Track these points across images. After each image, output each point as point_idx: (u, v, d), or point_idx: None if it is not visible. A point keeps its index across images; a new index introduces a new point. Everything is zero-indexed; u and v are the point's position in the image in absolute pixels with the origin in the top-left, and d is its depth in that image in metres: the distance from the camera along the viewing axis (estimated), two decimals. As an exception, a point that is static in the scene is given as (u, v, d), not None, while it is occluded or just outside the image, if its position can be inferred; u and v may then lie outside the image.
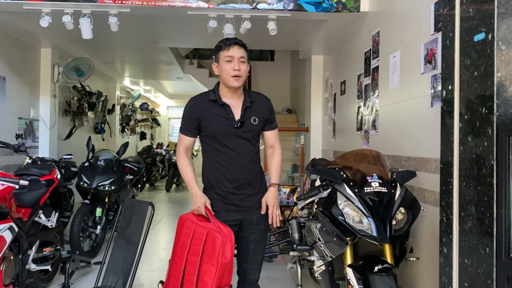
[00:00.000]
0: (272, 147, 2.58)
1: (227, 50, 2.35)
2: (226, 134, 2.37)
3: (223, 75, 2.37)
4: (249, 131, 2.42)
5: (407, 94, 3.50)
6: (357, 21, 4.77)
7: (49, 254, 3.61)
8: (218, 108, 2.39)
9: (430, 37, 3.10)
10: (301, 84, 8.13)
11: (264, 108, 2.49)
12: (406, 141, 3.50)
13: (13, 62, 5.67)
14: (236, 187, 2.40)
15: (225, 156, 2.39)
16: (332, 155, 5.84)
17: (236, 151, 2.39)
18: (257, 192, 2.46)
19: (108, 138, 10.00)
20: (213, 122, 2.38)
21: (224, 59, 2.36)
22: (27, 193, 3.31)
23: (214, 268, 2.18)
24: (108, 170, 4.84)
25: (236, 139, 2.39)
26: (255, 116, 2.43)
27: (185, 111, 2.45)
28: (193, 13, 4.52)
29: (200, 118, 2.39)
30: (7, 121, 5.52)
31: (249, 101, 2.43)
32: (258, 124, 2.44)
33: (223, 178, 2.40)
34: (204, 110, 2.39)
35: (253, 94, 2.52)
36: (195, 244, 2.27)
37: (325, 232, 2.58)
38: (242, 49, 2.38)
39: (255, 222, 2.46)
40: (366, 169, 2.62)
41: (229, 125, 2.37)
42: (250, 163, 2.42)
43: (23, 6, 4.40)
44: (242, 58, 2.37)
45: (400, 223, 2.45)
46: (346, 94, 5.33)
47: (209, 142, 2.43)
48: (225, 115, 2.38)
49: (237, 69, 2.33)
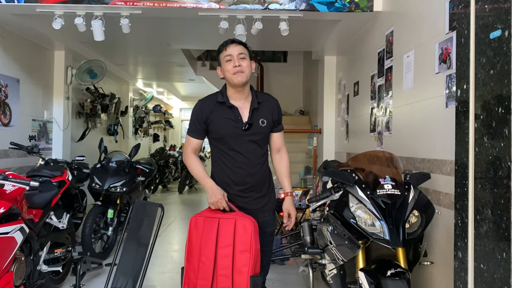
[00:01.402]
0: (279, 151, 2.54)
1: (225, 50, 2.35)
2: (234, 137, 2.35)
3: (226, 75, 2.36)
4: (257, 133, 2.39)
5: (421, 94, 3.43)
6: (370, 21, 4.71)
7: (61, 255, 3.62)
8: (226, 110, 2.37)
9: (444, 36, 3.03)
10: (314, 85, 8.07)
11: (272, 109, 2.46)
12: (420, 142, 3.43)
13: (27, 64, 5.72)
14: (243, 190, 2.39)
15: (232, 159, 2.37)
16: (345, 157, 5.77)
17: (244, 154, 2.36)
18: (264, 195, 2.44)
19: (121, 140, 10.06)
20: (220, 125, 2.36)
21: (224, 60, 2.35)
22: (39, 194, 3.33)
23: (249, 254, 2.16)
24: (120, 171, 4.84)
25: (244, 141, 2.36)
26: (263, 118, 2.40)
27: (193, 114, 2.43)
28: (204, 14, 4.51)
29: (208, 121, 2.38)
30: (21, 123, 5.57)
31: (256, 102, 2.40)
32: (266, 126, 2.41)
33: (230, 181, 2.38)
34: (212, 112, 2.37)
35: (261, 94, 2.49)
36: (224, 236, 2.21)
37: (336, 235, 2.54)
38: (240, 46, 2.36)
39: (262, 224, 2.42)
40: (379, 171, 2.56)
41: (237, 128, 2.35)
42: (257, 166, 2.39)
43: (36, 8, 4.43)
44: (242, 55, 2.34)
45: (414, 226, 2.39)
46: (359, 95, 5.26)
47: (217, 144, 2.41)
48: (233, 117, 2.36)
49: (237, 65, 2.31)
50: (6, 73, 5.24)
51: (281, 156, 2.54)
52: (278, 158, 2.54)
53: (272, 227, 2.48)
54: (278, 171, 2.55)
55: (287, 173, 2.54)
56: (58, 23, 4.48)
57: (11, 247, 2.67)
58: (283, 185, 2.54)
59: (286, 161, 2.54)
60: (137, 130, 11.68)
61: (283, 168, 2.53)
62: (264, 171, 2.44)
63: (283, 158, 2.54)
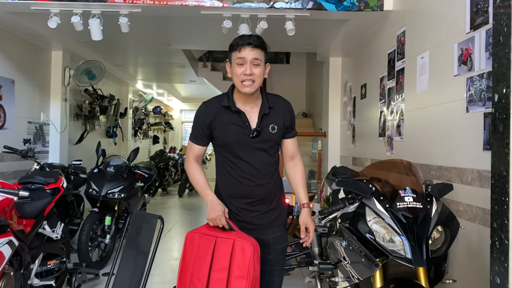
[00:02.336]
0: (293, 158, 2.31)
1: (238, 51, 2.06)
2: (241, 145, 2.11)
3: (234, 79, 2.11)
4: (267, 141, 2.15)
5: (437, 98, 3.23)
6: (380, 21, 4.51)
7: (54, 267, 3.42)
8: (232, 115, 2.12)
9: (465, 36, 2.84)
10: (318, 88, 7.88)
11: (285, 113, 2.21)
12: (437, 149, 3.23)
13: (23, 65, 5.52)
14: (250, 203, 2.14)
15: (239, 169, 2.13)
16: (351, 162, 5.57)
17: (252, 164, 2.12)
18: (273, 209, 2.20)
19: (120, 142, 9.85)
20: (226, 131, 2.12)
21: (235, 62, 2.08)
22: (31, 203, 3.12)
23: (246, 282, 1.93)
24: (118, 177, 4.64)
25: (252, 150, 2.12)
26: (274, 124, 2.16)
27: (196, 118, 2.18)
28: (207, 12, 4.31)
29: (212, 126, 2.13)
30: (16, 125, 5.37)
31: (267, 106, 2.15)
32: (277, 132, 2.17)
33: (236, 193, 2.15)
34: (217, 117, 2.13)
35: (272, 97, 2.22)
36: (219, 257, 1.98)
37: (351, 251, 2.34)
38: (257, 50, 2.07)
39: (272, 241, 2.19)
40: (398, 181, 2.36)
41: (244, 135, 2.11)
42: (267, 177, 2.16)
43: (30, 6, 4.24)
44: (257, 61, 2.07)
45: (437, 243, 2.18)
46: (367, 98, 5.07)
47: (222, 152, 2.17)
48: (240, 123, 2.11)
49: (248, 74, 2.05)
50: (0, 74, 5.04)
51: (295, 163, 2.31)
52: (292, 166, 2.31)
53: (284, 244, 2.24)
54: (292, 180, 2.31)
55: (303, 182, 2.30)
56: (54, 21, 4.28)
57: (-2, 262, 2.46)
58: (298, 196, 2.30)
59: (301, 169, 2.31)
60: (137, 132, 11.48)
61: (298, 177, 2.30)
62: (275, 182, 2.20)
63: (297, 166, 2.31)
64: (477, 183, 2.66)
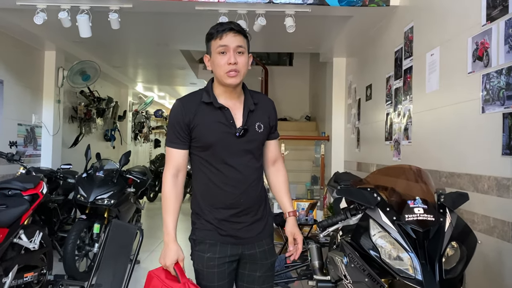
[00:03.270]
0: (275, 162, 2.09)
1: (219, 38, 1.83)
2: (225, 146, 1.86)
3: (216, 70, 1.85)
4: (253, 141, 1.91)
5: (449, 97, 2.95)
6: (386, 17, 4.24)
7: (32, 279, 3.16)
8: (214, 112, 1.87)
9: (480, 29, 2.56)
10: (321, 90, 7.61)
11: (270, 112, 2.00)
12: (448, 153, 2.95)
13: (13, 65, 5.30)
14: (234, 214, 1.89)
15: (222, 175, 1.87)
16: (356, 167, 5.29)
17: (237, 168, 1.88)
18: (260, 219, 1.96)
19: (118, 145, 9.61)
20: (208, 130, 1.85)
21: (216, 50, 1.84)
22: (4, 210, 2.88)
23: None
24: (108, 182, 4.38)
25: (237, 152, 1.88)
26: (260, 122, 1.93)
27: (172, 117, 1.89)
28: (201, 8, 4.06)
29: (191, 125, 1.85)
30: (5, 127, 5.13)
31: (252, 102, 1.93)
32: (263, 132, 1.94)
33: (219, 203, 1.89)
34: (196, 115, 1.85)
35: (255, 94, 2.00)
36: None
37: (353, 269, 2.06)
38: (240, 36, 1.85)
39: (259, 256, 1.95)
40: (406, 190, 2.09)
41: (229, 134, 1.86)
42: (253, 183, 1.92)
43: (16, 1, 4.02)
44: (240, 48, 1.84)
45: (451, 261, 1.90)
46: (372, 100, 4.79)
47: (202, 155, 1.89)
48: (224, 121, 1.86)
49: (233, 63, 1.81)
50: (-13, 74, 4.82)
51: (277, 168, 2.09)
52: (274, 171, 2.08)
53: (272, 259, 2.00)
54: (275, 186, 2.09)
55: (287, 189, 2.08)
56: (41, 17, 4.06)
57: (-41, 278, 2.21)
58: (283, 204, 2.08)
59: (284, 175, 2.09)
60: (137, 135, 11.24)
61: (281, 183, 2.08)
62: (260, 189, 1.97)
63: (280, 171, 2.09)
64: (495, 191, 2.38)
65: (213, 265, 1.87)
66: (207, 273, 1.87)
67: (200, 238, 1.90)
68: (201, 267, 1.88)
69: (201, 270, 1.88)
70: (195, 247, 1.91)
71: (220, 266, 1.87)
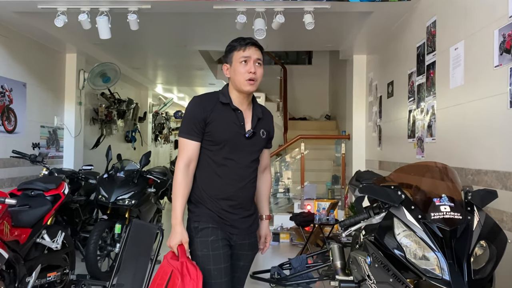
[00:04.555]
0: (265, 170, 2.33)
1: (242, 50, 2.06)
2: (235, 144, 2.07)
3: (237, 77, 2.07)
4: (257, 145, 2.16)
5: (475, 92, 2.86)
6: (407, 12, 4.15)
7: (55, 279, 3.19)
8: (230, 112, 2.09)
9: (508, 20, 2.48)
10: (341, 88, 7.52)
11: (270, 123, 2.26)
12: (474, 150, 2.86)
13: (35, 68, 5.38)
14: (232, 206, 2.09)
15: (227, 169, 2.08)
16: (377, 166, 5.20)
17: (240, 165, 2.09)
18: (251, 214, 2.20)
19: (139, 147, 9.70)
20: (222, 127, 2.05)
21: (239, 60, 2.06)
22: (28, 211, 2.91)
23: None
24: (128, 182, 4.40)
25: (244, 151, 2.10)
26: (264, 130, 2.18)
27: (190, 110, 2.07)
28: (219, 7, 4.05)
29: (207, 120, 2.04)
30: (28, 129, 5.22)
31: (260, 111, 2.18)
32: (265, 139, 2.20)
33: (220, 195, 2.08)
34: (213, 111, 2.06)
35: (261, 106, 2.25)
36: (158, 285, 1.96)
37: (377, 269, 2.00)
38: (259, 51, 2.11)
39: (247, 247, 2.19)
40: (431, 187, 2.02)
41: (239, 134, 2.08)
42: (250, 181, 2.14)
43: (37, 5, 4.08)
44: (259, 61, 2.09)
45: (480, 261, 1.83)
46: (394, 97, 4.70)
47: (211, 149, 2.07)
48: (236, 121, 2.09)
49: (253, 72, 2.05)
50: (11, 77, 4.90)
51: (265, 176, 2.35)
52: (262, 178, 2.33)
53: (255, 251, 2.26)
54: (260, 191, 2.31)
55: (268, 195, 2.38)
56: (61, 20, 4.11)
57: (-18, 277, 2.24)
58: (261, 207, 2.33)
59: (269, 182, 2.38)
60: (157, 136, 11.33)
61: (266, 188, 2.35)
62: (254, 188, 2.22)
63: (267, 179, 2.36)
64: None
65: (218, 247, 2.02)
66: (214, 255, 2.01)
67: (202, 223, 2.05)
68: (206, 251, 2.01)
69: (207, 254, 2.01)
70: (197, 235, 2.04)
71: (224, 248, 2.04)
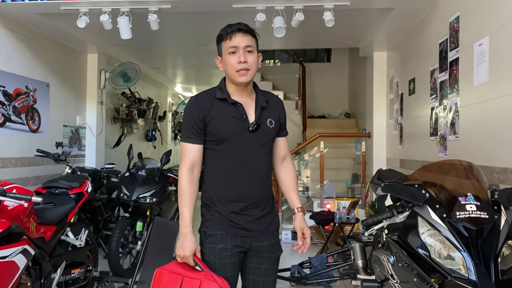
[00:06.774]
0: (284, 159, 2.15)
1: (229, 39, 1.91)
2: (239, 140, 1.94)
3: (228, 70, 1.94)
4: (265, 136, 1.99)
5: (500, 89, 2.80)
6: (429, 7, 4.08)
7: (79, 276, 3.25)
8: (228, 107, 1.95)
9: (535, 14, 2.41)
10: (361, 85, 7.45)
11: (279, 109, 2.09)
12: (500, 148, 2.80)
13: (58, 68, 5.48)
14: (244, 207, 1.95)
15: (234, 168, 1.96)
16: (399, 164, 5.14)
17: (249, 162, 1.96)
18: (267, 213, 2.03)
19: (159, 145, 9.79)
20: (223, 124, 1.93)
21: (227, 51, 1.92)
22: (52, 209, 2.97)
23: None
24: (150, 180, 4.45)
25: (250, 146, 1.96)
26: (271, 118, 2.02)
27: (188, 113, 1.96)
28: (239, 6, 4.05)
29: (206, 119, 1.93)
30: (52, 128, 5.32)
31: (264, 99, 2.01)
32: (274, 128, 2.03)
33: (231, 196, 1.95)
34: (211, 109, 1.94)
35: (266, 93, 2.09)
36: None
37: (401, 268, 1.98)
38: (248, 36, 1.93)
39: (267, 249, 2.01)
40: (456, 186, 1.99)
41: (243, 128, 1.94)
42: (263, 178, 2.00)
43: (60, 6, 4.15)
44: (249, 47, 1.93)
45: (508, 261, 1.79)
46: (415, 94, 4.63)
47: (216, 148, 1.96)
48: (238, 115, 1.95)
49: (243, 61, 1.90)
50: (35, 77, 5.00)
51: (286, 165, 2.16)
52: (283, 168, 2.15)
53: (278, 252, 2.06)
54: (283, 183, 2.15)
55: (296, 186, 2.16)
56: (83, 21, 4.17)
57: (10, 273, 2.29)
58: (291, 200, 2.14)
59: (293, 171, 2.16)
60: (177, 135, 11.41)
61: (290, 179, 2.14)
62: (270, 184, 2.06)
63: (289, 168, 2.15)
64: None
65: (226, 256, 1.92)
66: (220, 264, 1.92)
67: (211, 229, 1.96)
68: (213, 258, 1.93)
69: (214, 262, 1.93)
70: (206, 240, 1.96)
71: (232, 257, 1.93)
